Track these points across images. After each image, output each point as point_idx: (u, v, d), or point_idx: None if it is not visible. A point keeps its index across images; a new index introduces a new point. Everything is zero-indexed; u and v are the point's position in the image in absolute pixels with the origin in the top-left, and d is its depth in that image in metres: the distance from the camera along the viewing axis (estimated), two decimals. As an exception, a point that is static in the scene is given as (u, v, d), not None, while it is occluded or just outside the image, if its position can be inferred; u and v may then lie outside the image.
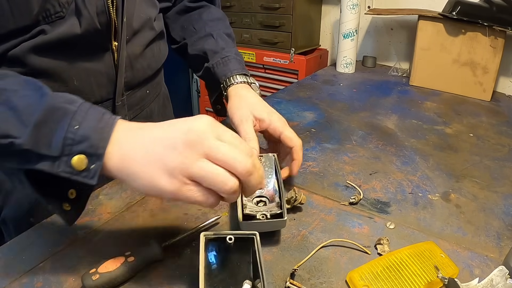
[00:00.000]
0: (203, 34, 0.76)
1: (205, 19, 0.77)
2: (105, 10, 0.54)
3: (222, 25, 0.78)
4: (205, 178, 0.37)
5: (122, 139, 0.38)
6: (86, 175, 0.37)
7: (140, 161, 0.37)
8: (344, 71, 1.38)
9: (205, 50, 0.73)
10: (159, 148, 0.37)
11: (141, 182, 0.37)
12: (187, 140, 0.36)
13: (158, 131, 0.39)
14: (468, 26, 1.09)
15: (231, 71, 0.69)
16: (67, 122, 0.37)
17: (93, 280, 0.42)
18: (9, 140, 0.36)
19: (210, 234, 0.43)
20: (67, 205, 0.42)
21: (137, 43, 0.64)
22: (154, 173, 0.37)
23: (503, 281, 0.42)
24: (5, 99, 0.37)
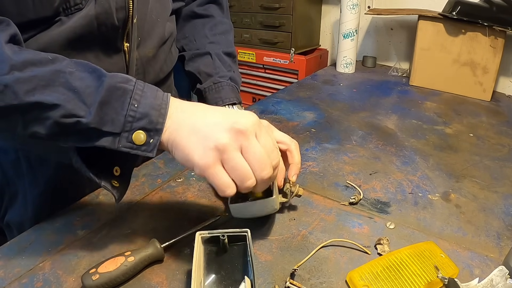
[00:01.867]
0: (202, 51, 0.74)
1: (207, 33, 0.76)
2: (125, 6, 0.53)
3: (224, 42, 0.76)
4: (234, 168, 0.41)
5: (175, 114, 0.42)
6: (146, 148, 0.41)
7: (186, 134, 0.41)
8: (344, 71, 1.38)
9: (199, 71, 0.73)
10: (205, 126, 0.41)
11: (180, 152, 0.41)
12: (233, 128, 0.40)
13: (209, 113, 0.43)
14: (468, 26, 1.09)
15: (222, 99, 0.69)
16: (128, 101, 0.40)
17: (93, 280, 0.42)
18: (75, 119, 0.39)
19: (205, 233, 0.43)
20: (115, 182, 0.45)
21: (150, 46, 0.62)
22: (193, 146, 0.40)
23: (503, 281, 0.42)
24: (64, 81, 0.39)
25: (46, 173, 0.59)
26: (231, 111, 0.44)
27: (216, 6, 0.79)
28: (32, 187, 0.59)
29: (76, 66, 0.41)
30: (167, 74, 0.73)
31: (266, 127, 0.57)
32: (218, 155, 0.40)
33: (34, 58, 0.39)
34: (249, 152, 0.41)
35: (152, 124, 0.40)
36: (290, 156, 0.57)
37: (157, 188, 0.63)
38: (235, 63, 0.77)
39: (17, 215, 0.60)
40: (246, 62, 1.64)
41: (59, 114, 0.38)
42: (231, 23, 0.81)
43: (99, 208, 0.58)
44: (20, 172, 0.58)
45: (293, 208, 0.58)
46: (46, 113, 0.38)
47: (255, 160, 0.41)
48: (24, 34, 0.46)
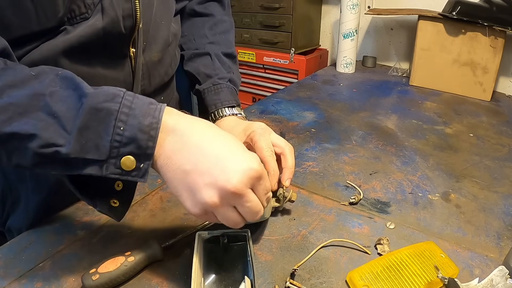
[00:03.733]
0: (201, 51, 0.73)
1: (207, 33, 0.74)
2: (132, 14, 0.51)
3: (224, 42, 0.75)
4: (224, 219, 0.39)
5: (167, 140, 0.38)
6: (136, 174, 0.37)
7: (176, 177, 0.38)
8: (344, 71, 1.38)
9: (198, 71, 0.71)
10: (197, 176, 0.37)
11: (172, 189, 0.39)
12: (224, 189, 0.37)
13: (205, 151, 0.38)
14: (468, 26, 1.09)
15: (221, 102, 0.68)
16: (112, 124, 0.36)
17: (93, 280, 0.42)
18: (54, 149, 0.35)
19: (205, 234, 0.43)
20: (114, 201, 0.42)
21: (155, 49, 0.61)
22: (184, 195, 0.38)
23: (503, 281, 0.42)
24: (43, 105, 0.35)
25: (49, 180, 0.58)
26: (229, 150, 0.39)
27: (216, 3, 0.78)
28: (35, 193, 0.58)
29: (61, 83, 0.37)
30: (171, 76, 0.72)
31: (264, 128, 0.57)
32: (208, 209, 0.38)
33: (14, 80, 0.36)
34: (241, 209, 0.39)
35: (141, 149, 0.37)
36: (284, 160, 0.55)
37: (157, 188, 0.63)
38: (235, 63, 0.76)
39: (18, 220, 0.60)
40: (246, 62, 1.64)
41: (36, 145, 0.35)
42: (233, 20, 0.80)
43: (99, 208, 0.58)
44: (23, 177, 0.58)
45: (293, 208, 0.58)
46: (24, 144, 0.35)
47: (247, 214, 0.39)
48: (27, 45, 0.45)
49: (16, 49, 0.44)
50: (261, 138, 0.54)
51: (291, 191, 0.54)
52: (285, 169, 0.54)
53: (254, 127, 0.57)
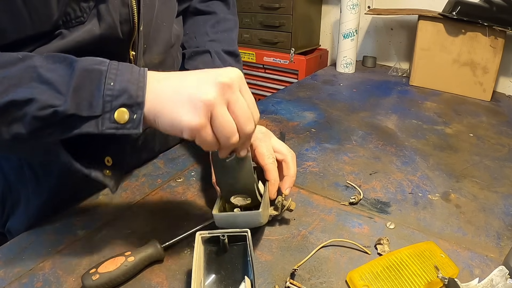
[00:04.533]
0: (201, 49, 0.72)
1: (209, 30, 0.73)
2: (129, 19, 0.51)
3: (226, 40, 0.74)
4: (221, 125, 0.40)
5: (154, 85, 0.40)
6: (131, 125, 0.39)
7: (169, 98, 0.39)
8: (344, 71, 1.38)
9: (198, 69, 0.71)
10: (189, 85, 0.39)
11: (166, 119, 0.39)
12: (218, 82, 0.39)
13: (189, 74, 0.41)
14: (468, 26, 1.09)
15: None
16: (103, 81, 0.38)
17: (93, 280, 0.42)
18: (52, 109, 0.37)
19: (205, 233, 0.43)
20: (107, 171, 0.44)
21: (156, 52, 0.61)
22: (180, 107, 0.39)
23: (503, 281, 0.42)
24: (35, 75, 0.38)
25: (50, 182, 0.58)
26: (210, 69, 0.42)
27: (220, 2, 0.77)
28: (35, 196, 0.58)
29: (47, 59, 0.40)
30: None
31: (264, 133, 0.56)
32: (207, 112, 0.39)
33: (3, 61, 0.38)
34: (236, 106, 0.40)
35: (132, 99, 0.39)
36: (286, 168, 0.54)
37: (157, 188, 0.63)
38: (237, 62, 0.75)
39: (18, 222, 0.60)
40: (246, 62, 1.64)
41: (34, 108, 0.37)
42: (237, 19, 0.79)
43: (99, 208, 0.58)
44: (23, 179, 0.58)
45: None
46: (22, 110, 0.38)
47: (241, 115, 0.40)
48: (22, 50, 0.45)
49: None
50: (261, 144, 0.54)
51: (290, 199, 0.53)
52: (286, 177, 0.53)
53: None
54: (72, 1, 0.45)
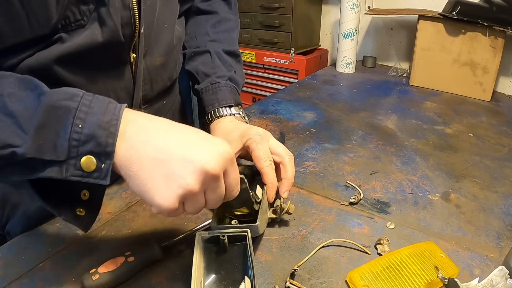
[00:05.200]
0: (201, 49, 0.71)
1: (209, 30, 0.72)
2: (131, 22, 0.50)
3: (226, 40, 0.72)
4: (193, 206, 0.38)
5: (129, 133, 0.36)
6: (98, 175, 0.36)
7: (147, 165, 0.36)
8: (344, 71, 1.38)
9: (197, 70, 0.69)
10: (172, 160, 0.36)
11: (137, 185, 0.36)
12: (203, 170, 0.35)
13: (173, 138, 0.37)
14: (468, 26, 1.09)
15: (218, 101, 0.65)
16: (70, 122, 0.34)
17: (93, 280, 0.42)
18: (10, 150, 0.34)
19: (205, 233, 0.43)
20: (80, 210, 0.40)
21: (157, 54, 0.60)
22: (156, 184, 0.36)
23: (503, 281, 0.42)
24: (1, 105, 0.34)
25: None
26: (199, 138, 0.38)
27: (222, 1, 0.76)
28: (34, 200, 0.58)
29: (19, 84, 0.36)
30: (174, 80, 0.71)
31: (262, 135, 0.54)
32: (181, 198, 0.36)
33: None
34: (212, 194, 0.38)
35: (100, 147, 0.35)
36: (283, 170, 0.53)
37: (157, 188, 0.63)
38: (238, 62, 0.74)
39: (18, 225, 0.60)
40: (246, 62, 1.64)
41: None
42: (238, 19, 0.78)
43: (99, 208, 0.58)
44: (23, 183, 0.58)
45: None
46: None
47: (213, 200, 0.39)
48: (21, 53, 0.44)
49: (10, 57, 0.43)
50: (258, 147, 0.53)
51: (288, 202, 0.53)
52: (285, 180, 0.53)
53: (251, 134, 0.55)
54: (72, 4, 0.44)
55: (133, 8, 0.50)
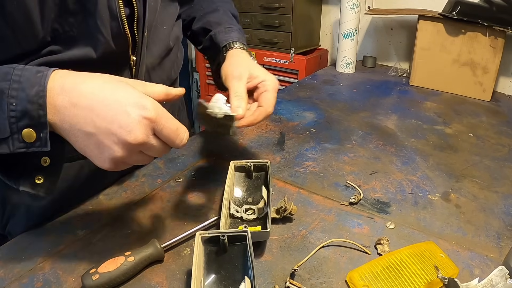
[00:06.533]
0: (210, 9, 0.76)
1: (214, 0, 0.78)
2: (121, 32, 0.51)
3: (228, 6, 0.79)
4: (136, 163, 0.42)
5: (59, 100, 0.39)
6: (39, 144, 0.39)
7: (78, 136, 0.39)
8: (344, 71, 1.38)
9: (210, 22, 0.73)
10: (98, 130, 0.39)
11: (79, 150, 0.40)
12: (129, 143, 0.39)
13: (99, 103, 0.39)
14: (468, 26, 1.09)
15: (232, 38, 0.69)
16: (5, 102, 0.37)
17: (93, 280, 0.42)
18: None
19: (205, 233, 0.43)
20: (39, 178, 0.43)
21: (156, 55, 0.61)
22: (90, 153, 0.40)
23: (503, 281, 0.42)
24: None
25: None
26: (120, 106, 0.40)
27: None
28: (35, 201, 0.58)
29: None
30: (174, 80, 0.72)
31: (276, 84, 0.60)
32: (117, 162, 0.40)
33: None
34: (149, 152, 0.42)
35: (34, 120, 0.38)
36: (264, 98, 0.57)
37: (157, 188, 0.63)
38: (238, 22, 0.78)
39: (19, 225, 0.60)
40: (246, 62, 1.64)
41: None
42: None
43: (99, 208, 0.58)
44: None
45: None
46: None
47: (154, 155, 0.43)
48: None
49: None
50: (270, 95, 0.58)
51: (291, 204, 0.54)
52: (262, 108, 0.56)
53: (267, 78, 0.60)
54: (59, 17, 0.45)
55: (121, 18, 0.50)
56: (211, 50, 0.74)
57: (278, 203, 0.54)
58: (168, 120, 0.41)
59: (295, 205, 0.55)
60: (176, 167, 0.70)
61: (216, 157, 0.73)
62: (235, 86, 0.56)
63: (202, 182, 0.65)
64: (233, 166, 0.59)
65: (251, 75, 0.59)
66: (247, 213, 0.55)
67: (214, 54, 0.73)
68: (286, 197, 0.55)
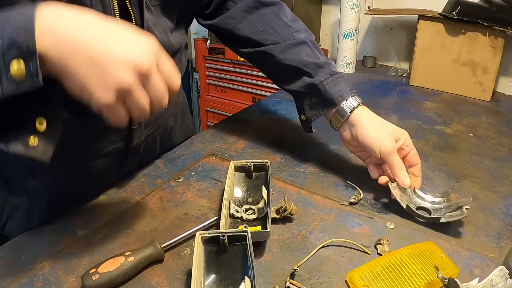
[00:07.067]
0: (294, 41, 0.66)
1: (286, 21, 0.68)
2: None
3: (303, 28, 0.70)
4: (135, 106, 0.38)
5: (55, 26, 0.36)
6: (30, 83, 0.35)
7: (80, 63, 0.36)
8: (344, 71, 1.38)
9: (305, 63, 0.65)
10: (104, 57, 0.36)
11: (74, 83, 0.37)
12: (136, 68, 0.37)
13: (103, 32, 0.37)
14: (468, 26, 1.08)
15: (346, 92, 0.64)
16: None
17: (93, 280, 0.42)
18: None
19: (205, 233, 0.43)
20: (33, 140, 0.40)
21: None
22: (92, 81, 0.36)
23: (503, 281, 0.42)
24: None
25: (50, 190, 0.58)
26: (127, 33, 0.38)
27: None
28: (34, 203, 0.58)
29: None
30: None
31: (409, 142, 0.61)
32: (120, 94, 0.37)
33: None
34: (151, 89, 0.39)
35: (22, 48, 0.34)
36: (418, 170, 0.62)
37: (157, 188, 0.63)
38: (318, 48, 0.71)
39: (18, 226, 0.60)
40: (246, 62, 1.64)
41: None
42: None
43: (99, 208, 0.58)
44: (23, 186, 0.58)
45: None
46: None
47: (156, 96, 0.39)
48: None
49: None
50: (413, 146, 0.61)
51: (291, 204, 0.54)
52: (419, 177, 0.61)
53: (404, 136, 0.61)
54: None
55: None
56: (310, 98, 0.66)
57: (278, 203, 0.54)
58: (167, 58, 0.41)
59: (295, 205, 0.55)
60: (176, 167, 0.70)
61: (216, 157, 0.73)
62: (397, 161, 0.58)
63: (202, 182, 0.65)
64: (233, 166, 0.59)
65: (397, 144, 0.60)
66: (247, 213, 0.55)
67: (317, 104, 0.66)
68: (286, 197, 0.55)
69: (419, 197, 0.59)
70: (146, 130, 0.65)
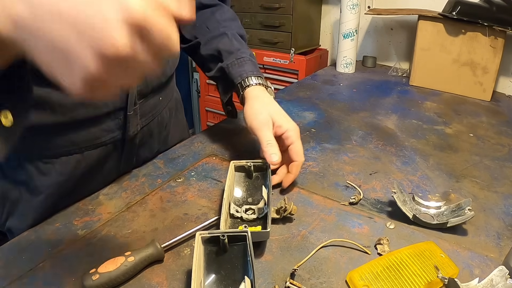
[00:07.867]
0: (217, 33, 0.74)
1: (218, 18, 0.76)
2: None
3: (235, 25, 0.77)
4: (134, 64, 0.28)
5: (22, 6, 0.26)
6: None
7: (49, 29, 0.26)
8: (344, 71, 1.38)
9: (219, 50, 0.72)
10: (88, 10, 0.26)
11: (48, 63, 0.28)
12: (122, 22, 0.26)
13: None
14: (468, 26, 1.09)
15: (246, 72, 0.68)
16: None
17: (93, 280, 0.42)
18: None
19: (205, 233, 0.43)
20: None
21: None
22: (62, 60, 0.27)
23: (503, 281, 0.42)
24: None
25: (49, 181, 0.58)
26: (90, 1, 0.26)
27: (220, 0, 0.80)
28: (34, 196, 0.58)
29: None
30: (170, 76, 0.73)
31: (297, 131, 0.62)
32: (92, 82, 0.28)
33: None
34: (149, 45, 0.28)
35: None
36: (295, 167, 0.61)
37: (157, 188, 0.63)
38: (247, 44, 0.78)
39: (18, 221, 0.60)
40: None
41: None
42: None
43: (99, 208, 0.58)
44: (23, 179, 0.58)
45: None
46: None
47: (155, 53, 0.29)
48: None
49: None
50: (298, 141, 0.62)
51: (292, 204, 0.54)
52: (291, 175, 0.61)
53: (288, 126, 0.62)
54: None
55: None
56: (222, 81, 0.73)
57: (278, 203, 0.54)
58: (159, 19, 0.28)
59: (295, 205, 0.55)
60: (176, 167, 0.70)
61: (216, 157, 0.73)
62: (266, 136, 0.60)
63: (202, 182, 0.65)
64: (233, 166, 0.59)
65: (274, 123, 0.62)
66: (247, 213, 0.55)
67: (226, 87, 0.73)
68: (286, 197, 0.55)
69: (419, 204, 0.59)
70: (142, 120, 0.66)
